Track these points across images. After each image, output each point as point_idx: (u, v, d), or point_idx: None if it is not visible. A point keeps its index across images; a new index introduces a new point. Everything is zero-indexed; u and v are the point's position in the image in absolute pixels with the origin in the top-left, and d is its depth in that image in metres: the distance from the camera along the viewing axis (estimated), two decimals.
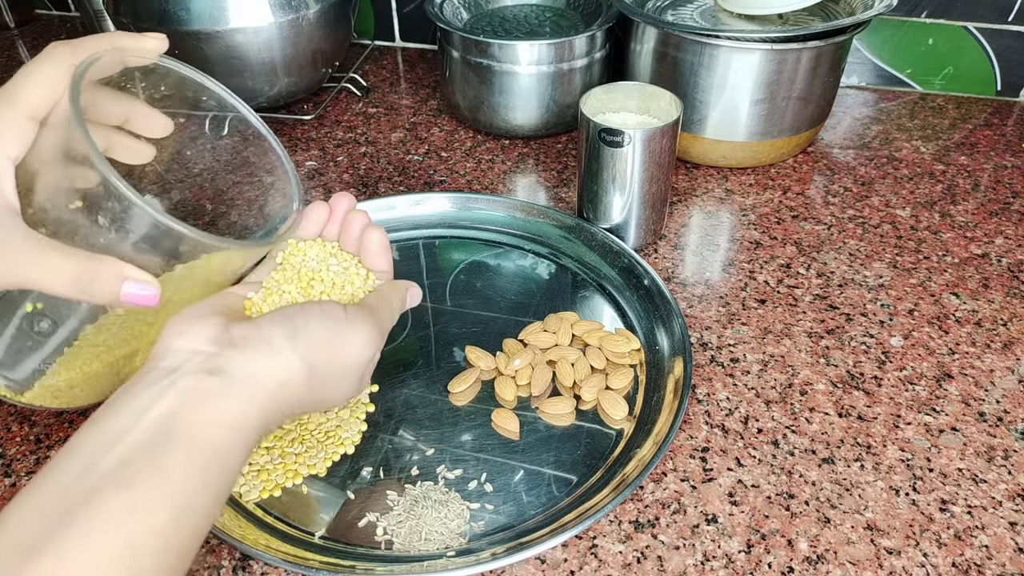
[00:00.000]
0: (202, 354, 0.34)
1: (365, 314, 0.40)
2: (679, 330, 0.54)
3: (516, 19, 0.83)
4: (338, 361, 0.38)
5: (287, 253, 0.45)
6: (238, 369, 0.34)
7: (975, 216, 0.69)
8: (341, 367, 0.38)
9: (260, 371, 0.34)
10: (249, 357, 0.34)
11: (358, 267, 0.46)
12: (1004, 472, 0.48)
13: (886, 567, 0.43)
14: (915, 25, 0.84)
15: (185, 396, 0.32)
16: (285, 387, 0.35)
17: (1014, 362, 0.55)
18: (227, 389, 0.33)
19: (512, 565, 0.43)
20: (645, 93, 0.63)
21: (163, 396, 0.32)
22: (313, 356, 0.36)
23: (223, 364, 0.33)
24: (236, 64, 0.76)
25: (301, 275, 0.44)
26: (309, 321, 0.37)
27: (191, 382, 0.32)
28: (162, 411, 0.31)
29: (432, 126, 0.85)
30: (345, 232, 0.46)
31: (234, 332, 0.35)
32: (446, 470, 0.48)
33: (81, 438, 0.30)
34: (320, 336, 0.37)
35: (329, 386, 0.38)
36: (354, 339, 0.38)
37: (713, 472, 0.48)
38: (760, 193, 0.73)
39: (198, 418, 0.32)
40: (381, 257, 0.46)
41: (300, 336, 0.36)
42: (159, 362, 0.33)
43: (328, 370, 0.37)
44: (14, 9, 1.09)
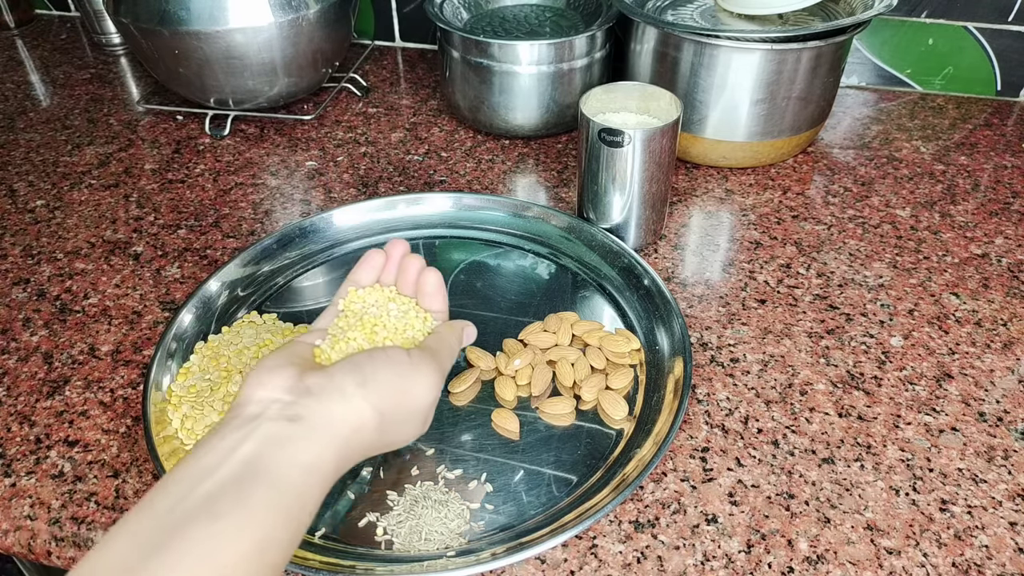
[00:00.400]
0: (280, 402, 0.36)
1: (427, 358, 0.42)
2: (679, 330, 0.54)
3: (516, 19, 0.83)
4: (404, 406, 0.40)
5: (348, 300, 0.47)
6: (315, 416, 0.36)
7: (975, 216, 0.69)
8: (407, 411, 0.40)
9: (335, 418, 0.37)
10: (324, 405, 0.37)
11: (417, 310, 0.47)
12: (1004, 472, 0.48)
13: (886, 567, 0.43)
14: (915, 25, 0.84)
15: (268, 439, 0.35)
16: (358, 432, 0.38)
17: (1014, 362, 0.55)
18: (305, 434, 0.36)
19: (512, 565, 0.43)
20: (645, 93, 0.63)
21: (248, 439, 0.34)
22: (382, 402, 0.39)
23: (301, 411, 0.36)
24: (236, 64, 0.76)
25: (364, 321, 0.45)
26: (377, 369, 0.39)
27: (273, 428, 0.35)
28: (247, 452, 0.34)
29: (432, 126, 0.85)
30: (402, 276, 0.48)
31: (309, 381, 0.38)
32: (446, 470, 0.48)
33: (174, 474, 0.33)
34: (388, 382, 0.39)
35: (397, 429, 0.41)
36: (419, 383, 0.41)
37: (713, 472, 0.48)
38: (760, 193, 0.73)
39: (280, 459, 0.34)
40: (437, 298, 0.48)
41: (369, 384, 0.38)
42: (243, 410, 0.36)
43: (396, 414, 0.40)
44: (14, 9, 1.09)
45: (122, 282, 0.64)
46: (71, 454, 0.50)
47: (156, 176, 0.77)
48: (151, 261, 0.66)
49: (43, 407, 0.53)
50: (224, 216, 0.71)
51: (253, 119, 0.86)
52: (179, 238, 0.69)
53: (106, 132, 0.85)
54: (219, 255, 0.67)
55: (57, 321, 0.60)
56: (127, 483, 0.48)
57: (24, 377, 0.56)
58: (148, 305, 0.62)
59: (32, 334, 0.59)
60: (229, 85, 0.79)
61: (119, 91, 0.93)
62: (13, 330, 0.60)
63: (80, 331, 0.59)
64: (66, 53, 1.03)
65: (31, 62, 1.01)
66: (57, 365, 0.57)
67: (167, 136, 0.84)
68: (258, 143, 0.82)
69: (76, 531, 0.46)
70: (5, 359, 0.57)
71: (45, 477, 0.49)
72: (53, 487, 0.48)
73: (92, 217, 0.72)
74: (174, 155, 0.81)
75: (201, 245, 0.68)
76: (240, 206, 0.73)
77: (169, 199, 0.74)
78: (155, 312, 0.61)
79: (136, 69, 0.99)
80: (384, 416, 0.39)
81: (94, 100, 0.91)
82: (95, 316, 0.61)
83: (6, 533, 0.46)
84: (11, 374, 0.56)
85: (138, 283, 0.64)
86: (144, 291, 0.63)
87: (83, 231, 0.70)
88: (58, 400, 0.54)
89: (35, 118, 0.88)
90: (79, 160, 0.80)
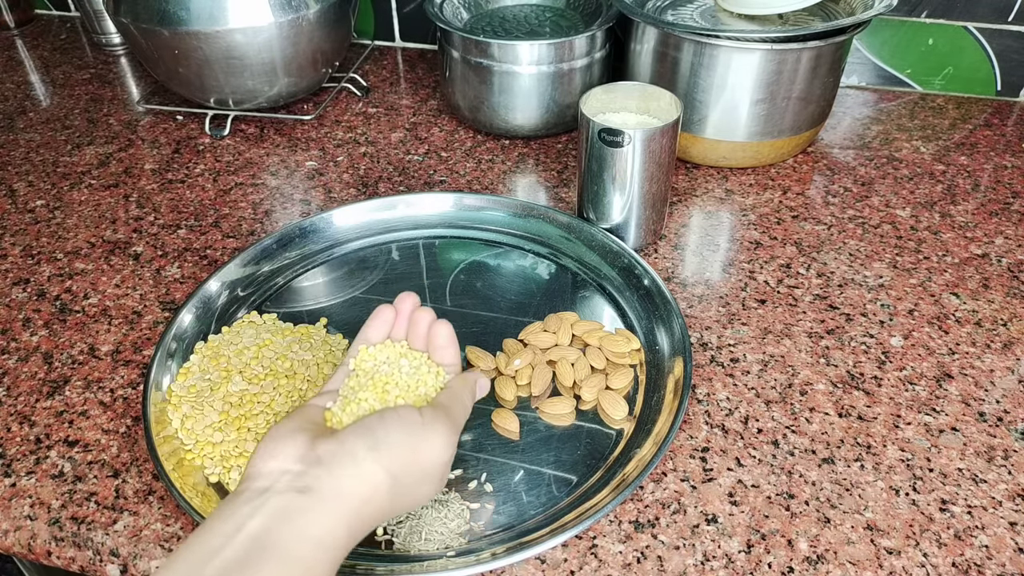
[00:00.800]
0: (290, 473, 0.36)
1: (440, 415, 0.41)
2: (679, 330, 0.54)
3: (516, 19, 0.83)
4: (418, 465, 0.39)
5: (359, 359, 0.46)
6: (325, 487, 0.36)
7: (975, 216, 0.69)
8: (421, 472, 0.40)
9: (344, 488, 0.36)
10: (335, 474, 0.36)
11: (429, 364, 0.46)
12: (1004, 472, 0.48)
13: (886, 567, 0.43)
14: (915, 25, 0.84)
15: (276, 514, 0.34)
16: (369, 502, 0.37)
17: (1014, 362, 0.55)
18: (315, 506, 0.35)
19: (512, 565, 0.43)
20: (645, 93, 0.63)
21: (256, 514, 0.34)
22: (395, 466, 0.38)
23: (311, 483, 0.36)
24: (236, 64, 0.76)
25: (375, 381, 0.44)
26: (389, 431, 0.39)
27: (282, 501, 0.35)
28: (255, 528, 0.33)
29: (432, 126, 0.85)
30: (413, 330, 0.47)
31: (319, 450, 0.37)
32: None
33: (180, 555, 0.33)
34: (400, 443, 0.39)
35: (411, 491, 0.40)
36: (433, 442, 0.40)
37: (713, 472, 0.48)
38: (760, 193, 0.73)
39: (289, 534, 0.34)
40: (449, 351, 0.47)
41: (381, 447, 0.38)
42: (252, 483, 0.36)
43: (409, 476, 0.39)
44: (14, 9, 1.09)
45: (122, 282, 0.64)
46: (71, 454, 0.50)
47: (156, 176, 0.77)
48: (151, 261, 0.66)
49: (43, 407, 0.53)
50: (224, 216, 0.71)
51: (253, 119, 0.86)
52: (179, 238, 0.69)
53: (106, 132, 0.85)
54: (219, 255, 0.67)
55: (57, 321, 0.60)
56: (127, 483, 0.48)
57: (24, 377, 0.56)
58: (148, 305, 0.62)
59: (32, 334, 0.59)
60: (229, 85, 0.79)
61: (119, 91, 0.93)
62: (13, 330, 0.60)
63: (80, 331, 0.59)
64: (66, 53, 1.03)
65: (31, 62, 1.01)
66: (57, 365, 0.57)
67: (167, 136, 0.84)
68: (258, 143, 0.82)
69: (76, 531, 0.46)
70: (5, 359, 0.57)
71: (45, 477, 0.49)
72: (53, 487, 0.48)
73: (92, 217, 0.72)
74: (174, 155, 0.81)
75: (201, 245, 0.68)
76: (240, 206, 0.73)
77: (169, 199, 0.74)
78: (155, 312, 0.61)
79: (136, 69, 0.99)
80: (397, 479, 0.38)
81: (94, 100, 0.91)
82: (95, 316, 0.61)
83: (6, 533, 0.46)
84: (11, 374, 0.56)
85: (138, 283, 0.64)
86: (144, 291, 0.63)
87: (83, 231, 0.70)
88: (58, 400, 0.54)
89: (35, 118, 0.88)
90: (79, 160, 0.80)
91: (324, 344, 0.55)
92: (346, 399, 0.43)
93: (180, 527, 0.46)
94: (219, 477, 0.47)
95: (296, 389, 0.50)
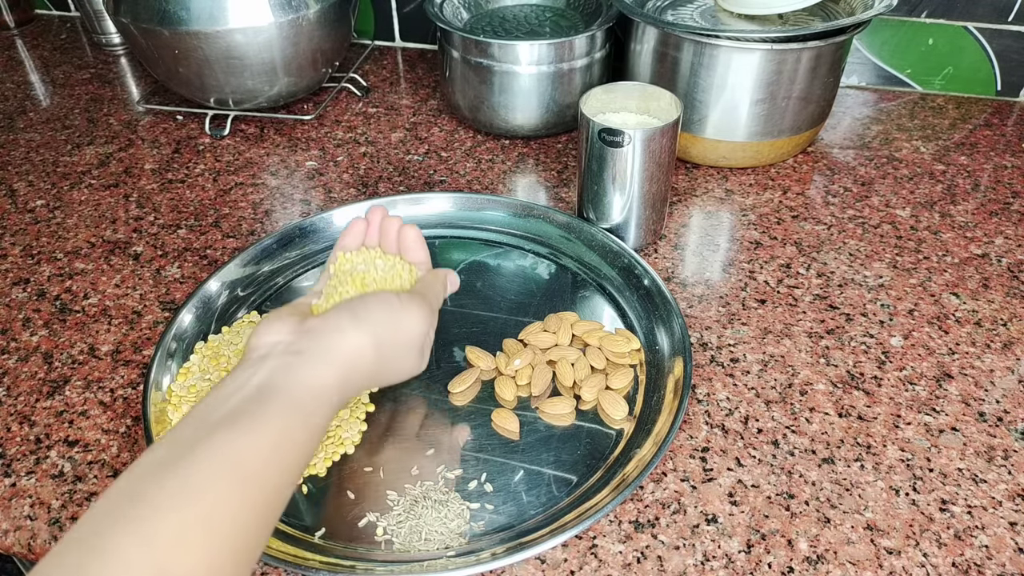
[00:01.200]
0: (284, 343, 0.41)
1: (416, 297, 0.46)
2: (679, 330, 0.54)
3: (516, 19, 0.83)
4: (399, 336, 0.44)
5: (338, 264, 0.50)
6: (316, 348, 0.40)
7: (975, 216, 0.69)
8: (402, 343, 0.44)
9: (333, 348, 0.41)
10: (323, 340, 0.41)
11: (402, 263, 0.51)
12: (1004, 472, 0.48)
13: (886, 567, 0.43)
14: (915, 25, 0.84)
15: (276, 369, 0.39)
16: (357, 360, 0.42)
17: (1014, 362, 0.55)
18: (308, 362, 0.40)
19: (512, 565, 0.43)
20: (645, 93, 0.63)
21: (258, 372, 0.39)
22: (377, 333, 0.43)
23: (303, 347, 0.40)
24: (236, 64, 0.76)
25: (354, 278, 0.48)
26: (369, 307, 0.44)
27: (280, 361, 0.40)
28: (258, 380, 0.38)
29: (432, 126, 0.85)
30: (385, 237, 0.52)
31: (308, 324, 0.42)
32: (446, 470, 0.48)
33: (192, 411, 0.37)
34: (380, 318, 0.43)
35: (394, 361, 0.45)
36: (412, 315, 0.45)
37: (713, 472, 0.48)
38: (760, 193, 0.73)
39: (289, 382, 0.38)
40: (419, 250, 0.52)
41: (362, 319, 0.43)
42: (251, 354, 0.41)
43: (391, 345, 0.44)
44: (14, 9, 1.09)
45: (122, 282, 0.64)
46: (71, 454, 0.50)
47: (156, 176, 0.77)
48: (151, 261, 0.66)
49: (43, 407, 0.53)
50: (224, 216, 0.71)
51: (253, 119, 0.86)
52: (179, 238, 0.69)
53: (106, 132, 0.85)
54: (219, 255, 0.67)
55: (57, 321, 0.60)
56: None
57: (24, 377, 0.56)
58: (148, 305, 0.62)
59: (32, 334, 0.59)
60: (229, 85, 0.79)
61: (119, 91, 0.93)
62: (13, 330, 0.60)
63: (80, 331, 0.59)
64: (66, 53, 1.03)
65: (31, 62, 1.01)
66: (57, 365, 0.57)
67: (167, 136, 0.84)
68: (258, 143, 0.82)
69: None
70: (5, 359, 0.57)
71: (45, 477, 0.49)
72: (53, 487, 0.48)
73: (92, 217, 0.72)
74: (174, 155, 0.81)
75: (201, 245, 0.68)
76: (240, 206, 0.73)
77: (169, 199, 0.74)
78: (155, 312, 0.61)
79: (136, 69, 0.99)
80: (380, 345, 0.42)
81: (94, 100, 0.91)
82: (95, 316, 0.61)
83: (6, 533, 0.46)
84: (11, 374, 0.56)
85: (138, 283, 0.64)
86: (144, 291, 0.63)
87: (83, 231, 0.70)
88: (58, 400, 0.54)
89: (35, 118, 0.88)
90: (79, 160, 0.80)
91: None
92: (329, 295, 0.47)
93: None
94: None
95: None
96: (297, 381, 0.39)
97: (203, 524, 0.32)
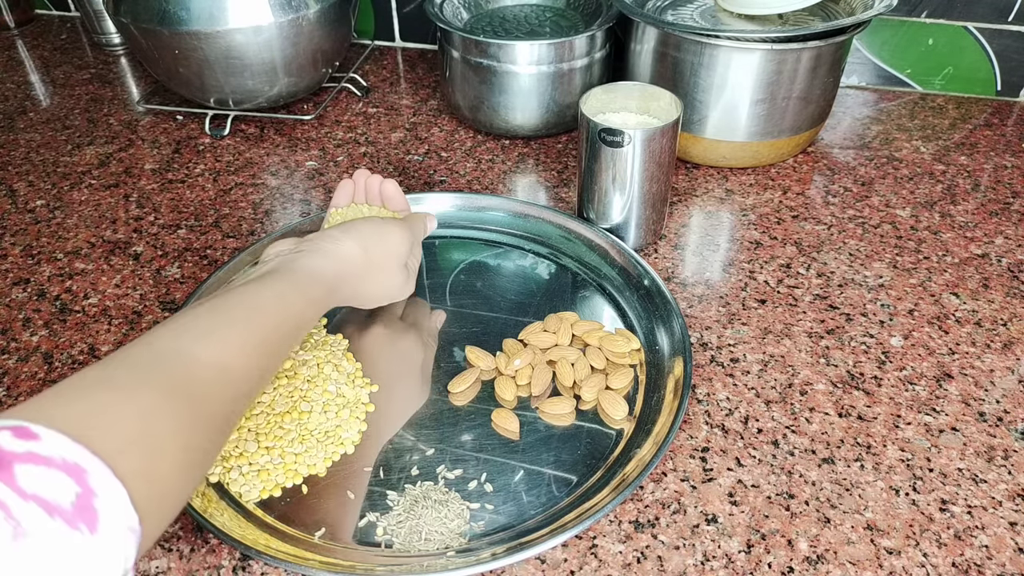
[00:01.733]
0: (289, 249, 0.49)
1: (397, 221, 0.54)
2: (679, 330, 0.54)
3: (516, 19, 0.83)
4: (383, 247, 0.52)
5: (331, 218, 0.59)
6: (314, 248, 0.49)
7: (975, 216, 0.69)
8: (388, 251, 0.52)
9: (328, 249, 0.49)
10: (320, 242, 0.50)
11: (385, 211, 0.60)
12: (1004, 472, 0.48)
13: (886, 567, 0.43)
14: (915, 25, 0.84)
15: (281, 262, 0.47)
16: (349, 259, 0.50)
17: (1014, 362, 0.55)
18: (307, 255, 0.48)
19: (512, 565, 0.43)
20: (645, 93, 0.63)
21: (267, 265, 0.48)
22: (364, 242, 0.51)
23: (304, 248, 0.49)
24: (236, 64, 0.76)
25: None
26: (358, 224, 0.52)
27: (285, 257, 0.48)
28: (268, 268, 0.47)
29: (432, 126, 0.85)
30: (369, 192, 0.61)
31: (310, 236, 0.51)
32: (446, 470, 0.48)
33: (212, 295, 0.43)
34: (367, 230, 0.52)
35: (381, 268, 0.52)
36: (392, 231, 0.53)
37: (713, 472, 0.48)
38: (760, 193, 0.73)
39: (292, 265, 0.47)
40: (398, 199, 0.61)
41: (352, 231, 0.51)
42: (263, 260, 0.50)
43: (379, 255, 0.51)
44: (14, 9, 1.09)
45: (122, 282, 0.64)
46: None
47: (156, 176, 0.77)
48: (151, 261, 0.66)
49: None
50: (224, 216, 0.71)
51: (253, 119, 0.86)
52: (179, 238, 0.69)
53: (106, 132, 0.85)
54: (219, 255, 0.67)
55: (57, 321, 0.60)
56: None
57: (24, 377, 0.56)
58: (148, 305, 0.62)
59: (32, 334, 0.59)
60: (229, 85, 0.79)
61: (119, 91, 0.93)
62: (13, 330, 0.60)
63: (80, 331, 0.59)
64: (66, 53, 1.03)
65: (31, 62, 1.01)
66: (57, 365, 0.57)
67: (167, 136, 0.84)
68: (258, 143, 0.82)
69: None
70: (5, 359, 0.57)
71: None
72: None
73: (92, 217, 0.72)
74: (174, 155, 0.81)
75: (201, 245, 0.68)
76: (240, 206, 0.73)
77: (169, 199, 0.74)
78: (155, 312, 0.61)
79: (136, 69, 0.99)
80: (368, 251, 0.50)
81: (94, 100, 0.91)
82: (95, 316, 0.61)
83: None
84: (11, 374, 0.56)
85: (138, 283, 0.64)
86: (144, 291, 0.63)
87: (83, 231, 0.70)
88: None
89: (35, 118, 0.88)
90: (79, 160, 0.80)
91: (324, 344, 0.55)
92: None
93: (179, 526, 0.46)
94: (219, 477, 0.47)
95: (296, 389, 0.50)
96: (298, 265, 0.47)
97: (224, 329, 0.40)
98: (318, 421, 0.49)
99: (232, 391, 0.38)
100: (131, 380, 0.34)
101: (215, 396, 0.37)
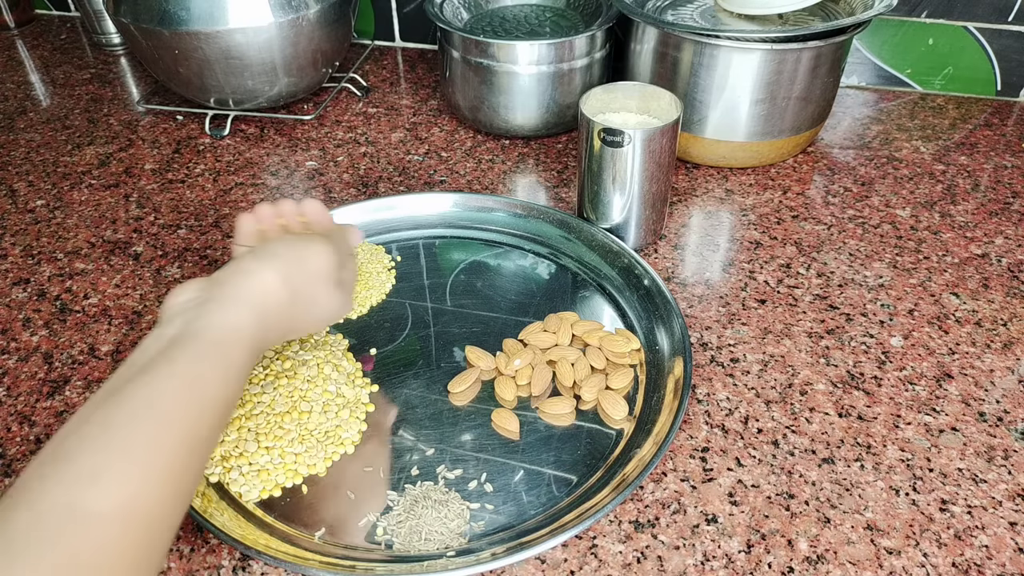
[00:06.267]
0: (195, 299, 0.41)
1: (315, 236, 0.48)
2: (679, 330, 0.54)
3: (516, 19, 0.83)
4: (306, 267, 0.45)
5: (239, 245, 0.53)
6: (226, 293, 0.41)
7: (975, 216, 0.69)
8: (311, 272, 0.45)
9: (242, 288, 0.42)
10: (231, 284, 0.42)
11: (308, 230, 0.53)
12: (1004, 472, 0.48)
13: (886, 567, 0.43)
14: (915, 25, 0.84)
15: (188, 320, 0.39)
16: (268, 296, 0.42)
17: (1014, 362, 0.55)
18: (220, 305, 0.40)
19: (512, 565, 0.43)
20: (645, 93, 0.63)
21: (172, 326, 0.39)
22: (283, 268, 0.44)
23: (214, 295, 0.41)
24: (236, 64, 0.76)
25: None
26: (270, 247, 0.45)
27: (191, 313, 0.40)
28: (173, 332, 0.39)
29: (432, 126, 0.85)
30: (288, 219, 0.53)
31: (216, 276, 0.43)
32: (446, 470, 0.48)
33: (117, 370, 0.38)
34: (284, 253, 0.44)
35: (309, 294, 0.45)
36: (312, 248, 0.46)
37: (713, 472, 0.48)
38: (760, 193, 0.73)
39: (199, 328, 0.39)
40: (321, 217, 0.53)
41: (267, 257, 0.44)
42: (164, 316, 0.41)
43: (301, 280, 0.44)
44: (14, 9, 1.09)
45: (122, 282, 0.64)
46: None
47: (156, 176, 0.77)
48: (151, 261, 0.66)
49: (43, 407, 0.53)
50: (224, 216, 0.71)
51: (253, 119, 0.86)
52: (179, 238, 0.69)
53: (106, 132, 0.85)
54: (219, 255, 0.67)
55: (57, 321, 0.60)
56: None
57: (24, 377, 0.56)
58: (148, 305, 0.62)
59: (32, 334, 0.59)
60: (229, 85, 0.79)
61: (119, 91, 0.93)
62: (13, 330, 0.60)
63: (80, 331, 0.59)
64: (66, 53, 1.03)
65: (31, 62, 1.01)
66: (57, 365, 0.57)
67: (167, 136, 0.84)
68: (258, 143, 0.82)
69: None
70: (5, 359, 0.57)
71: None
72: None
73: (92, 217, 0.72)
74: (174, 155, 0.81)
75: (201, 245, 0.68)
76: (240, 206, 0.73)
77: (169, 199, 0.74)
78: (155, 312, 0.61)
79: (136, 69, 0.99)
80: (290, 278, 0.43)
81: (94, 100, 0.91)
82: (95, 316, 0.61)
83: None
84: (11, 374, 0.56)
85: (138, 283, 0.64)
86: (144, 291, 0.63)
87: (83, 231, 0.70)
88: (58, 400, 0.54)
89: (35, 118, 0.88)
90: (79, 160, 0.80)
91: (324, 344, 0.55)
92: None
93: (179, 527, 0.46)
94: (219, 477, 0.47)
95: (296, 389, 0.50)
96: (208, 325, 0.39)
97: (119, 462, 0.32)
98: (318, 421, 0.49)
99: (145, 535, 0.32)
100: (12, 565, 0.28)
101: (126, 550, 0.31)
